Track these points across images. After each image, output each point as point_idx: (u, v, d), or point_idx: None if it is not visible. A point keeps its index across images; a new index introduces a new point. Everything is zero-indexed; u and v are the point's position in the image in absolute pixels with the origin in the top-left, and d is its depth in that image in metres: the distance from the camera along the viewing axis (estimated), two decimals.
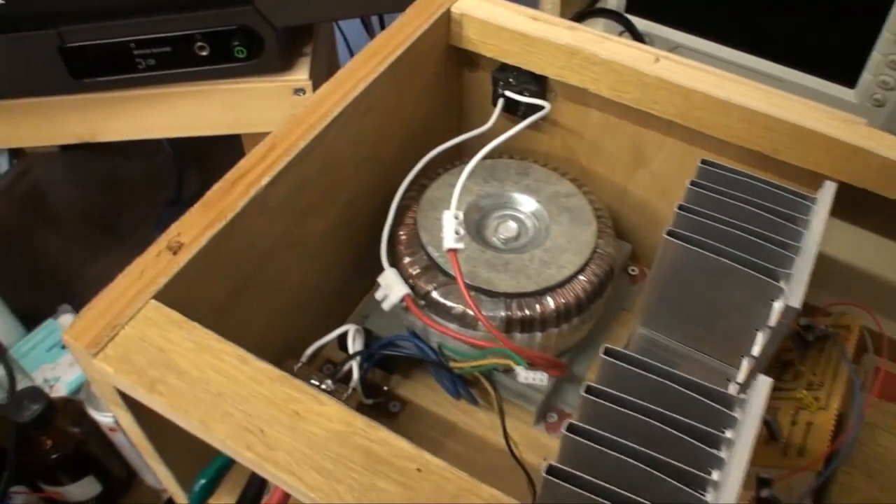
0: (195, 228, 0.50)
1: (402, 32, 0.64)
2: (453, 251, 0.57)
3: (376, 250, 0.63)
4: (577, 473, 0.40)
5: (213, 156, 1.20)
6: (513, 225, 0.66)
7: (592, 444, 0.41)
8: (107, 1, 0.74)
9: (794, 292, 0.48)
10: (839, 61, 0.82)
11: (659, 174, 0.68)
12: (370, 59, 0.61)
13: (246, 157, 0.54)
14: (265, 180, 0.53)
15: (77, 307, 0.98)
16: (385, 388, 0.66)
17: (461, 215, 0.58)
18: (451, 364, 0.61)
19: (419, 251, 0.63)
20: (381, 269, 0.62)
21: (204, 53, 0.78)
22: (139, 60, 0.78)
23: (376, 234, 0.64)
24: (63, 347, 1.04)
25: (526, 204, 0.67)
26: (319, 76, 0.85)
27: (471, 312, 0.58)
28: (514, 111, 0.70)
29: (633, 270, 0.75)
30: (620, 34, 0.93)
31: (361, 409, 0.59)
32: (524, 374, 0.57)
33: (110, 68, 0.78)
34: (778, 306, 0.50)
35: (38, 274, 1.30)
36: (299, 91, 0.83)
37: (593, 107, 0.67)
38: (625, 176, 0.71)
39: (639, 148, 0.68)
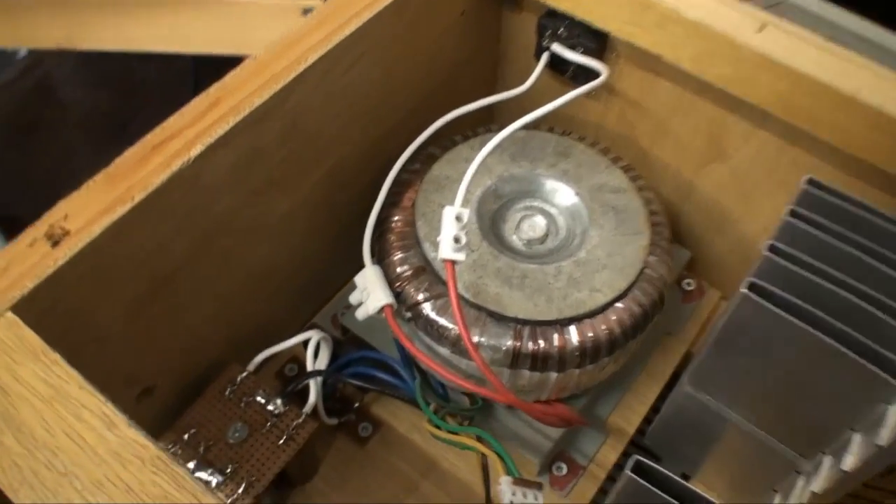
0: (89, 211, 0.36)
1: None
2: (449, 262, 0.41)
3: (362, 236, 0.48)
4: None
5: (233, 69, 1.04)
6: (540, 222, 0.50)
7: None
8: None
9: None
10: None
11: (740, 173, 0.51)
12: None
13: (176, 115, 0.38)
14: (196, 150, 0.37)
15: None
16: (356, 404, 0.52)
17: (467, 215, 0.42)
18: (434, 408, 0.46)
19: (413, 247, 0.48)
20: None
21: None
22: None
23: (365, 215, 0.49)
24: None
25: (561, 195, 0.50)
26: None
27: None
28: (562, 70, 0.53)
29: (688, 284, 0.59)
30: None
31: (321, 432, 0.46)
32: (508, 490, 0.42)
33: None
34: (894, 416, 0.34)
35: (33, 176, 1.16)
36: (308, 11, 0.66)
37: (665, 78, 0.50)
38: (694, 168, 0.54)
39: (718, 137, 0.51)
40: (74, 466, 0.29)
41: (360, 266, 0.51)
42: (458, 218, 0.42)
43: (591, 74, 0.51)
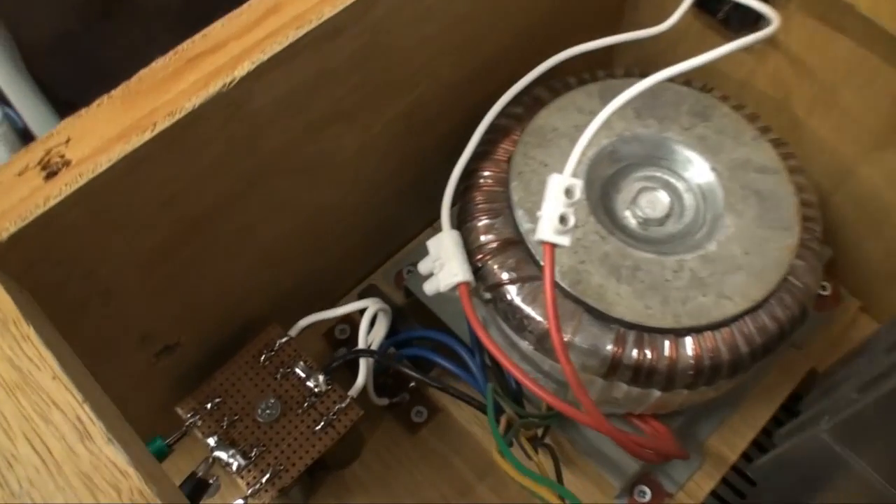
0: (98, 136, 0.27)
1: None
2: (549, 245, 0.32)
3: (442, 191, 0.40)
4: None
5: None
6: (663, 199, 0.40)
7: None
8: None
9: None
10: None
11: None
12: None
13: (223, 20, 0.29)
14: (243, 68, 0.28)
15: None
16: (412, 383, 0.45)
17: (580, 190, 0.32)
18: (506, 422, 0.37)
19: (503, 212, 0.39)
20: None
21: None
22: None
23: (447, 166, 0.40)
24: None
25: (694, 169, 0.41)
26: None
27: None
28: (712, 11, 0.43)
29: (823, 288, 0.48)
30: None
31: (370, 414, 0.39)
32: None
33: None
34: None
35: (104, 65, 1.09)
36: None
37: (848, 34, 0.39)
38: (859, 152, 0.43)
39: None
40: (30, 486, 0.22)
41: (432, 219, 0.42)
42: (569, 192, 0.32)
43: (751, 18, 0.41)
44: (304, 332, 0.41)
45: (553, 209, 0.32)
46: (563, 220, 0.32)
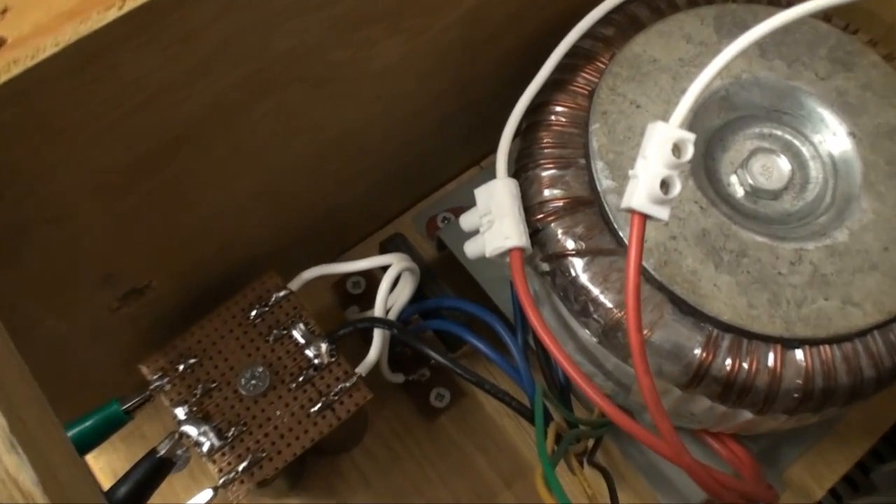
0: (45, 9, 0.21)
1: None
2: (641, 216, 0.26)
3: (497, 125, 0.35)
4: None
5: None
6: (783, 166, 0.34)
7: None
8: None
9: None
10: None
11: None
12: None
13: None
14: None
15: None
16: (431, 361, 0.40)
17: (690, 150, 0.26)
18: (555, 432, 0.32)
19: (576, 162, 0.33)
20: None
21: None
22: None
23: (507, 94, 0.34)
24: None
25: (827, 130, 0.35)
26: None
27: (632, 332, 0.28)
28: None
29: None
30: None
31: (380, 390, 0.35)
32: None
33: None
34: None
35: None
36: None
37: None
38: None
39: None
40: None
41: (478, 159, 0.43)
42: (677, 149, 0.26)
43: None
44: (309, 285, 0.36)
45: (653, 169, 0.26)
46: (665, 185, 0.26)
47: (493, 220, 0.32)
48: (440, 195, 0.45)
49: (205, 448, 0.32)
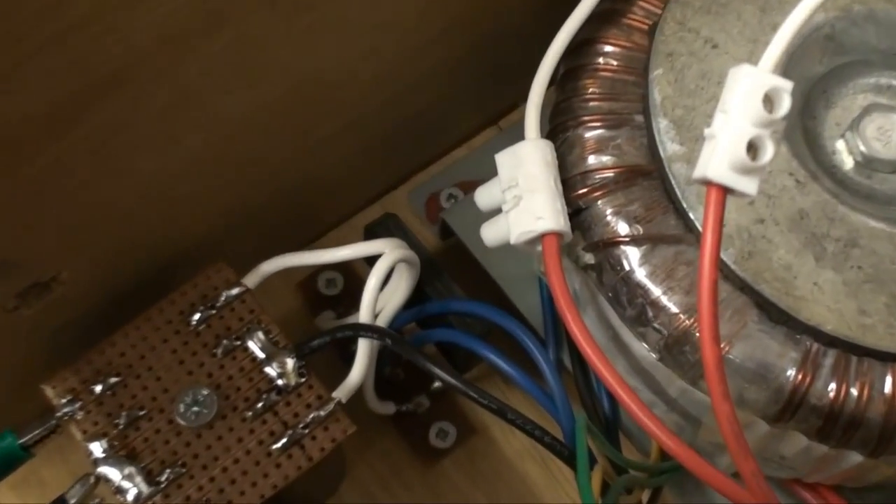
0: None
1: None
2: (720, 190, 0.28)
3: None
4: None
5: None
6: None
7: None
8: None
9: None
10: None
11: None
12: None
13: None
14: None
15: None
16: (435, 383, 0.43)
17: (786, 101, 0.28)
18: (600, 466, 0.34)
19: (632, 120, 0.36)
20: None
21: None
22: None
23: (543, 30, 0.37)
24: None
25: None
26: None
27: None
28: None
29: None
30: None
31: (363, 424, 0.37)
32: None
33: None
34: None
35: None
36: None
37: None
38: None
39: None
40: None
41: (496, 117, 0.46)
42: (769, 100, 0.28)
43: None
44: (269, 282, 0.38)
45: (737, 127, 0.28)
46: (752, 149, 0.28)
47: (521, 196, 0.34)
48: (444, 165, 0.47)
49: (129, 497, 0.33)
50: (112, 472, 0.33)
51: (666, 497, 0.40)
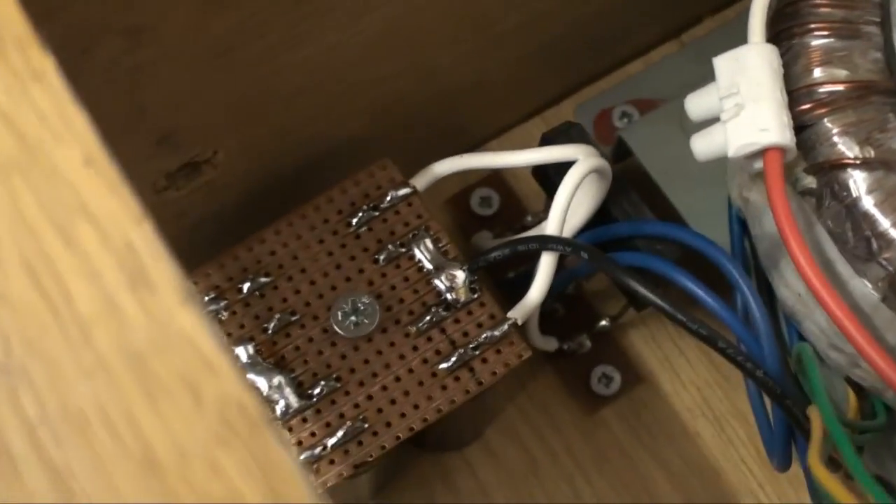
0: None
1: None
2: None
3: None
4: None
5: None
6: None
7: None
8: None
9: None
10: None
11: None
12: None
13: None
14: None
15: None
16: (603, 321, 0.45)
17: None
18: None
19: (868, 30, 0.37)
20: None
21: None
22: None
23: None
24: None
25: None
26: None
27: None
28: None
29: None
30: None
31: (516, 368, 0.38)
32: None
33: None
34: None
35: None
36: None
37: None
38: None
39: None
40: (28, 355, 0.20)
41: (677, 29, 0.47)
42: None
43: None
44: (439, 184, 0.40)
45: None
46: None
47: (743, 105, 0.35)
48: (617, 79, 0.48)
49: (278, 409, 0.36)
50: (259, 381, 0.36)
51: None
